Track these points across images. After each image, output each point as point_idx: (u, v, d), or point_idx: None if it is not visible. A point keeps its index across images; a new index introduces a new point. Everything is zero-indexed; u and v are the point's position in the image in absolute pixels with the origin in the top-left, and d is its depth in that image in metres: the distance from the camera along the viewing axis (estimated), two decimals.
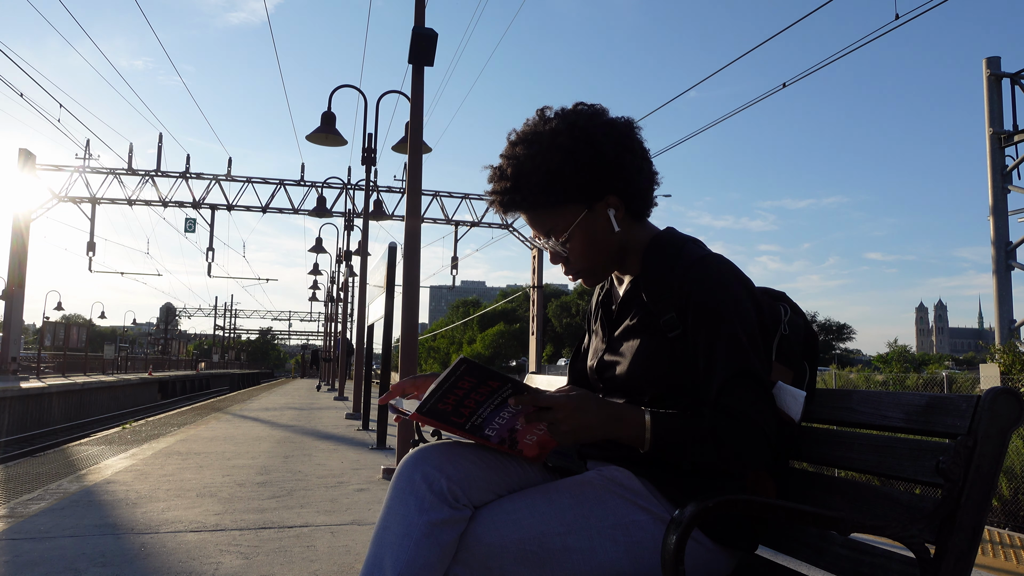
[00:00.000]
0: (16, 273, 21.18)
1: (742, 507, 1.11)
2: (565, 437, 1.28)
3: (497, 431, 1.35)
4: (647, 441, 1.30)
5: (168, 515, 4.02)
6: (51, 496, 4.57)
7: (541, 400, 1.27)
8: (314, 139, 9.38)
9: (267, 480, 5.33)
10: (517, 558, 1.26)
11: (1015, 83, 17.55)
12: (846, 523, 1.11)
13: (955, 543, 1.10)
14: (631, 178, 1.46)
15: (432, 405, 1.28)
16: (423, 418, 1.30)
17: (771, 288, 1.59)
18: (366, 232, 13.31)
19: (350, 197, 20.84)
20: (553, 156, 1.43)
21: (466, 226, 24.61)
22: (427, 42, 5.62)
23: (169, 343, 73.79)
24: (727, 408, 1.31)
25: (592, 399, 1.30)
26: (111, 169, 22.04)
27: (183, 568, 3.00)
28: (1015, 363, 13.55)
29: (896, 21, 9.10)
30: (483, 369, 1.25)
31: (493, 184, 1.49)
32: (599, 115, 1.48)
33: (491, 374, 1.25)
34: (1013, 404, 1.11)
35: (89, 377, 27.14)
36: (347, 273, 20.75)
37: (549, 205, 1.46)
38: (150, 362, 43.74)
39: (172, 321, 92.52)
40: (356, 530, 3.78)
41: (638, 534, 1.33)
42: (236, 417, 11.56)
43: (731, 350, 1.33)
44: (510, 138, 1.50)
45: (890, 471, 1.25)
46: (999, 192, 17.35)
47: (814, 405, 1.49)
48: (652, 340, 1.43)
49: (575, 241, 1.48)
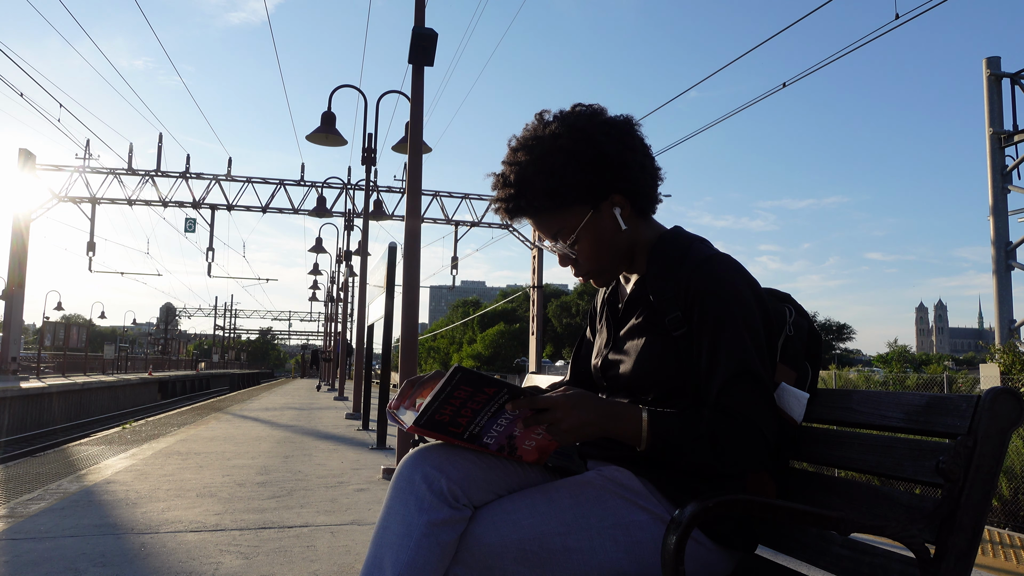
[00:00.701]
0: (16, 273, 21.18)
1: (742, 507, 1.11)
2: (565, 436, 1.28)
3: (496, 438, 1.35)
4: (644, 440, 1.30)
5: (168, 515, 4.02)
6: (51, 496, 4.57)
7: (538, 402, 1.27)
8: (314, 139, 9.38)
9: (267, 480, 5.33)
10: (517, 558, 1.26)
11: (1015, 83, 17.54)
12: (846, 523, 1.11)
13: (955, 543, 1.10)
14: (635, 176, 1.46)
15: (429, 416, 1.28)
16: (421, 430, 1.31)
17: (776, 289, 1.59)
18: (366, 232, 13.31)
19: (350, 197, 20.84)
20: (555, 159, 1.42)
21: (466, 226, 24.61)
22: (427, 42, 5.62)
23: (169, 343, 73.77)
24: (726, 408, 1.31)
25: (589, 397, 1.31)
26: (111, 169, 22.03)
27: (183, 568, 3.00)
28: (1015, 363, 13.55)
29: (896, 21, 9.10)
30: (479, 376, 1.25)
31: (497, 191, 1.49)
32: (598, 115, 1.48)
33: (487, 381, 1.25)
34: (1013, 404, 1.11)
35: (89, 377, 27.14)
36: (347, 273, 20.76)
37: (554, 208, 1.46)
38: (150, 362, 43.75)
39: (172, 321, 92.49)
40: (356, 530, 3.78)
41: (638, 534, 1.33)
42: (236, 417, 11.56)
43: (733, 350, 1.33)
44: (511, 144, 1.50)
45: (890, 471, 1.25)
46: (999, 192, 17.35)
47: (815, 405, 1.49)
48: (657, 339, 1.43)
49: (583, 242, 1.48)
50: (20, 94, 14.57)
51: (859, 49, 9.48)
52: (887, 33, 9.19)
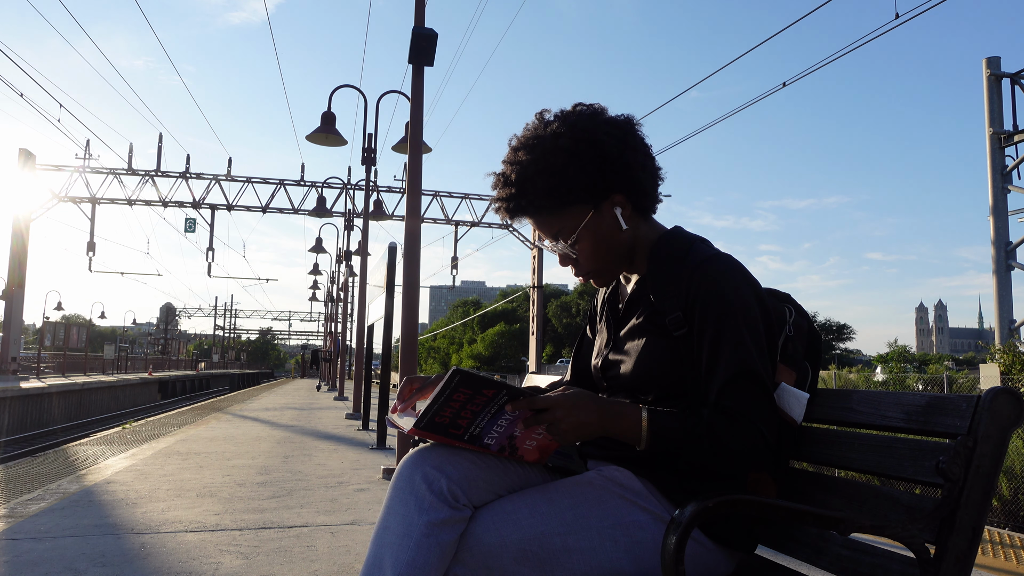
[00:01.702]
0: (16, 273, 21.17)
1: (742, 507, 1.11)
2: (565, 436, 1.28)
3: (496, 439, 1.35)
4: (644, 439, 1.30)
5: (168, 515, 4.02)
6: (51, 496, 4.57)
7: (538, 402, 1.27)
8: (314, 139, 9.38)
9: (267, 480, 5.33)
10: (517, 558, 1.26)
11: (1015, 83, 17.55)
12: (846, 523, 1.11)
13: (955, 543, 1.10)
14: (635, 175, 1.46)
15: (429, 419, 1.28)
16: (421, 432, 1.31)
17: (776, 289, 1.59)
18: (366, 232, 13.31)
19: (350, 197, 20.83)
20: (556, 158, 1.42)
21: (466, 226, 24.61)
22: (427, 42, 5.62)
23: (169, 343, 73.79)
24: (726, 408, 1.31)
25: (588, 396, 1.31)
26: (111, 169, 22.03)
27: (183, 568, 3.00)
28: (1015, 363, 13.56)
29: (896, 20, 9.11)
30: (478, 378, 1.25)
31: (498, 191, 1.49)
32: (599, 114, 1.48)
33: (486, 383, 1.25)
34: (1013, 404, 1.11)
35: (89, 377, 27.13)
36: (347, 273, 20.76)
37: (555, 208, 1.46)
38: (150, 362, 43.75)
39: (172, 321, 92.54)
40: (356, 530, 3.78)
41: (638, 534, 1.33)
42: (236, 417, 11.56)
43: (734, 350, 1.33)
44: (511, 144, 1.49)
45: (890, 471, 1.25)
46: (999, 192, 17.37)
47: (814, 405, 1.49)
48: (658, 339, 1.43)
49: (584, 242, 1.48)
50: (20, 94, 14.57)
51: (859, 49, 9.49)
52: (887, 33, 9.20)
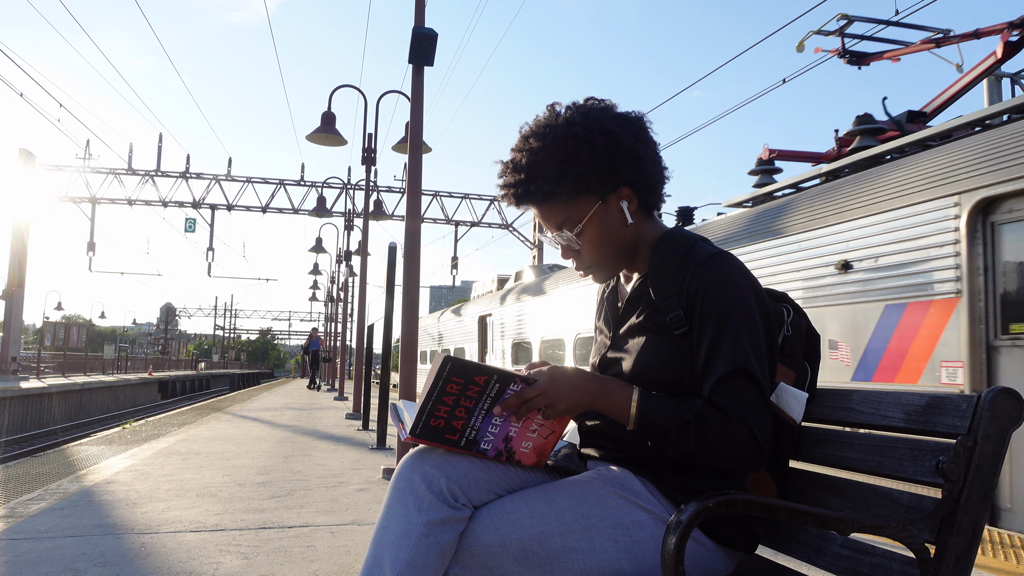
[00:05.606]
0: (16, 273, 21.17)
1: (742, 507, 1.11)
2: (563, 415, 1.36)
3: (492, 443, 1.36)
4: (632, 418, 1.34)
5: (168, 515, 4.02)
6: (51, 496, 4.57)
7: (525, 395, 1.33)
8: (314, 139, 9.37)
9: (267, 480, 5.33)
10: (517, 558, 1.26)
11: (1015, 83, 17.56)
12: (846, 523, 1.11)
13: (955, 543, 1.10)
14: (645, 169, 1.46)
15: (424, 423, 1.30)
16: (417, 439, 1.31)
17: (773, 289, 1.59)
18: (366, 232, 13.31)
19: (350, 197, 20.84)
20: (569, 145, 1.42)
21: (466, 226, 24.62)
22: (427, 42, 5.61)
23: (169, 343, 73.79)
24: (718, 404, 1.31)
25: (567, 369, 1.37)
26: (111, 169, 22.05)
27: (183, 568, 3.00)
28: None
29: (896, 18, 9.10)
30: (468, 365, 1.28)
31: (505, 177, 1.48)
32: (611, 108, 1.49)
33: (476, 369, 1.28)
34: (1013, 404, 1.11)
35: (89, 377, 27.13)
36: (347, 273, 20.76)
37: (564, 196, 1.45)
38: (150, 362, 43.72)
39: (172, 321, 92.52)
40: (356, 530, 3.78)
41: (638, 534, 1.33)
42: (236, 417, 11.56)
43: (731, 348, 1.33)
44: (522, 131, 1.49)
45: (890, 471, 1.25)
46: None
47: (814, 405, 1.49)
48: (658, 338, 1.43)
49: (588, 233, 1.48)
50: (20, 94, 14.58)
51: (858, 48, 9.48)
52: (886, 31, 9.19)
